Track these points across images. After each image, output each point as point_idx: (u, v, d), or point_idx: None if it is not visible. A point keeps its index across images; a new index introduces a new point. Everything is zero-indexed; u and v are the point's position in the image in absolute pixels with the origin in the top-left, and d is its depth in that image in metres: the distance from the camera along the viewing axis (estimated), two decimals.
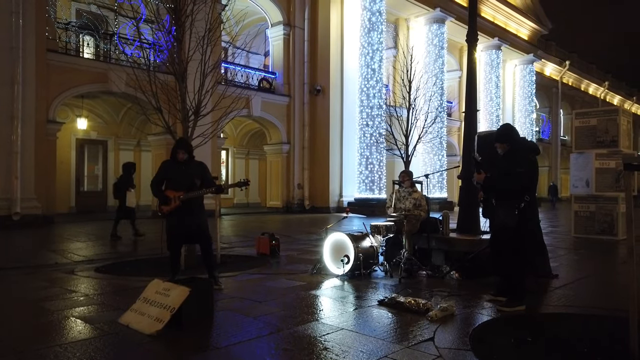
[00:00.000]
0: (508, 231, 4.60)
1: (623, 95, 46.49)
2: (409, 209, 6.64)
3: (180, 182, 5.20)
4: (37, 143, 12.17)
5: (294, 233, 11.14)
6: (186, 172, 5.24)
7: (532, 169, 4.79)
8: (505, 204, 4.63)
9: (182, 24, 7.00)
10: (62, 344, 3.44)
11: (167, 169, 5.34)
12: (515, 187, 4.55)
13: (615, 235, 10.45)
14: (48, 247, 8.72)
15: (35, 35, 12.06)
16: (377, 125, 18.42)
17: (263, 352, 3.33)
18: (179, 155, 5.27)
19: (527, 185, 4.61)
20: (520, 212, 4.53)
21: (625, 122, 10.95)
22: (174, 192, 5.18)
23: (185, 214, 5.18)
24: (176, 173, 5.25)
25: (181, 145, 5.35)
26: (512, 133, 4.82)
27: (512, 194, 4.56)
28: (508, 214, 4.58)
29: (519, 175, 4.53)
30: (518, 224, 4.54)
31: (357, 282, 5.66)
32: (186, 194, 5.15)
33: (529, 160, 4.72)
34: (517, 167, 4.55)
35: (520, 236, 4.61)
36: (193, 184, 5.22)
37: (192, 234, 5.34)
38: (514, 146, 4.72)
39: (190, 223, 5.24)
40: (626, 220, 3.15)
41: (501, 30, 27.11)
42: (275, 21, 19.12)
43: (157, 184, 5.34)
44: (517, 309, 4.42)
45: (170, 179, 5.28)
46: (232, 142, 22.53)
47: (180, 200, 5.14)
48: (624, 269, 6.64)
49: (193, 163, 5.38)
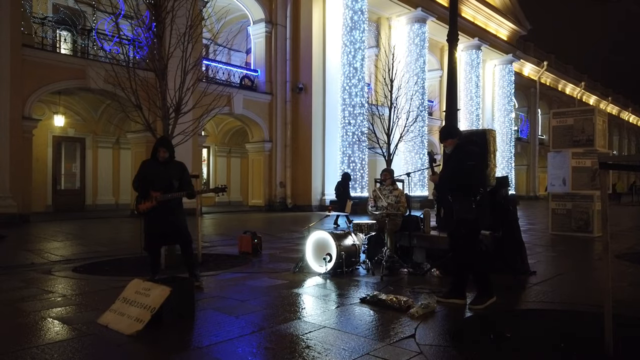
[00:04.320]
0: (467, 225, 4.55)
1: (599, 95, 47.60)
2: (391, 205, 6.68)
3: (158, 183, 5.15)
4: (12, 140, 11.88)
5: (276, 231, 11.12)
6: (165, 172, 5.20)
7: (480, 161, 4.76)
8: (462, 199, 4.56)
9: (163, 20, 6.90)
10: (39, 346, 3.37)
11: (146, 169, 5.29)
12: (470, 182, 4.54)
13: (591, 232, 10.69)
14: (24, 246, 8.53)
15: (10, 29, 11.77)
16: (359, 123, 18.49)
17: (245, 351, 3.32)
18: (160, 154, 5.23)
19: (481, 178, 4.65)
20: (477, 206, 4.51)
21: (601, 121, 11.20)
22: (153, 192, 5.14)
23: (163, 213, 5.15)
24: (154, 174, 5.21)
25: (163, 144, 5.30)
26: (456, 129, 4.96)
27: (467, 188, 4.53)
28: (466, 208, 4.52)
29: (472, 168, 4.56)
30: (476, 218, 4.52)
31: (339, 280, 5.68)
32: (162, 195, 5.11)
33: (476, 153, 4.70)
34: (468, 161, 4.55)
35: (477, 231, 4.68)
36: (171, 185, 5.19)
37: (171, 233, 5.30)
38: (461, 141, 4.77)
39: (168, 222, 5.20)
40: (601, 217, 3.22)
41: (481, 30, 27.48)
42: (257, 18, 19.02)
43: (137, 183, 5.29)
44: (488, 304, 4.43)
45: (148, 180, 5.21)
46: (213, 140, 22.34)
47: (157, 200, 5.10)
48: (599, 265, 6.81)
49: (173, 163, 5.34)
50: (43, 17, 14.06)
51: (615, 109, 52.35)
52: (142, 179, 5.25)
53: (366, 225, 6.39)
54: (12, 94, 11.85)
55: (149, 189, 5.15)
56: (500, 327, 3.91)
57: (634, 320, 4.09)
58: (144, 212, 5.19)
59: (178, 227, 5.26)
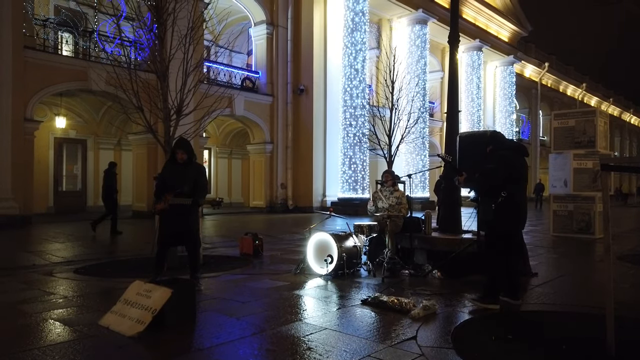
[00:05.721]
0: (487, 227, 4.71)
1: (600, 96, 47.53)
2: (392, 207, 6.67)
3: (172, 186, 5.22)
4: (14, 142, 11.90)
5: (277, 233, 11.12)
6: (180, 175, 5.25)
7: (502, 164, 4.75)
8: (484, 200, 4.73)
9: (164, 22, 6.91)
10: (40, 347, 3.37)
11: (165, 170, 5.39)
12: (485, 183, 4.65)
13: (592, 233, 10.67)
14: (25, 248, 8.53)
15: (12, 31, 11.78)
16: (361, 125, 18.49)
17: (246, 353, 3.32)
18: (178, 156, 5.28)
19: (496, 181, 4.63)
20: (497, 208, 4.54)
21: (602, 123, 11.19)
22: (167, 194, 5.21)
23: (177, 214, 5.20)
24: (170, 176, 5.28)
25: (180, 146, 5.33)
26: (495, 136, 4.98)
27: (488, 190, 4.64)
28: (486, 210, 4.68)
29: (487, 171, 4.62)
30: (494, 220, 4.57)
31: (340, 282, 5.67)
32: (173, 198, 5.17)
33: (501, 156, 4.72)
34: (488, 165, 4.65)
35: (498, 234, 4.62)
36: (182, 189, 5.22)
37: (182, 234, 5.36)
38: (495, 146, 4.81)
39: (180, 223, 5.26)
40: (603, 219, 3.22)
41: (482, 32, 27.47)
42: (258, 20, 19.03)
43: (157, 183, 5.39)
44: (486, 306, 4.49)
45: (165, 181, 5.31)
46: (214, 142, 22.35)
47: (168, 203, 5.15)
48: (601, 267, 6.80)
49: (192, 165, 5.36)
50: (45, 18, 14.08)
51: (617, 111, 52.26)
52: (162, 180, 5.34)
53: (367, 226, 6.38)
54: (14, 96, 11.87)
55: (165, 190, 5.20)
56: (502, 328, 3.91)
57: (636, 322, 4.09)
58: (159, 212, 5.27)
59: (189, 229, 5.32)
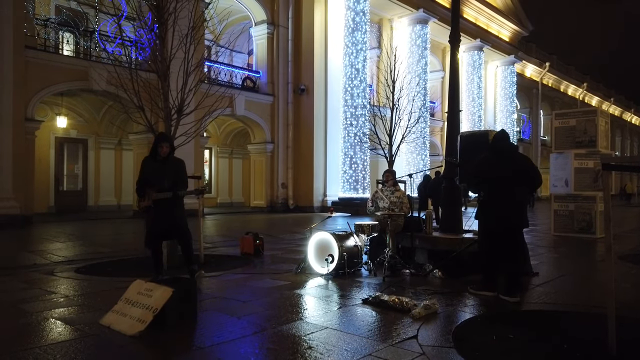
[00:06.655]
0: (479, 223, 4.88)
1: (601, 96, 47.49)
2: (392, 206, 6.66)
3: (155, 181, 5.30)
4: (15, 141, 11.91)
5: (278, 232, 11.12)
6: (161, 171, 5.33)
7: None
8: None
9: (165, 21, 6.92)
10: (41, 346, 3.38)
11: (145, 168, 5.43)
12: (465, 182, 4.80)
13: (593, 233, 10.66)
14: (27, 247, 8.54)
15: (13, 31, 11.79)
16: (361, 124, 18.49)
17: (247, 351, 3.32)
18: (163, 150, 5.33)
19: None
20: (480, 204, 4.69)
21: (603, 122, 11.18)
22: (149, 191, 5.31)
23: (163, 210, 5.30)
24: (152, 172, 5.34)
25: (165, 139, 5.43)
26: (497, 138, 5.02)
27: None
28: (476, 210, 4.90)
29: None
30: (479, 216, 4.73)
31: (341, 281, 5.67)
32: (155, 194, 5.26)
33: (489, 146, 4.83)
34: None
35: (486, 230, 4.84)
36: (162, 184, 5.29)
37: (170, 229, 5.45)
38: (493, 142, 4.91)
39: (167, 219, 5.36)
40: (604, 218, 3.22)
41: (483, 31, 27.45)
42: (259, 20, 19.03)
43: (139, 181, 5.44)
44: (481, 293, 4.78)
45: (147, 178, 5.36)
46: (215, 141, 22.36)
47: (151, 199, 5.24)
48: (602, 267, 6.79)
49: (171, 160, 5.43)
50: (46, 18, 14.09)
51: (618, 110, 52.21)
52: (142, 177, 5.39)
53: (368, 226, 6.38)
54: (15, 95, 11.88)
55: (147, 187, 5.28)
56: (503, 327, 3.91)
57: (637, 322, 4.08)
58: (144, 209, 5.35)
59: (177, 224, 5.42)
